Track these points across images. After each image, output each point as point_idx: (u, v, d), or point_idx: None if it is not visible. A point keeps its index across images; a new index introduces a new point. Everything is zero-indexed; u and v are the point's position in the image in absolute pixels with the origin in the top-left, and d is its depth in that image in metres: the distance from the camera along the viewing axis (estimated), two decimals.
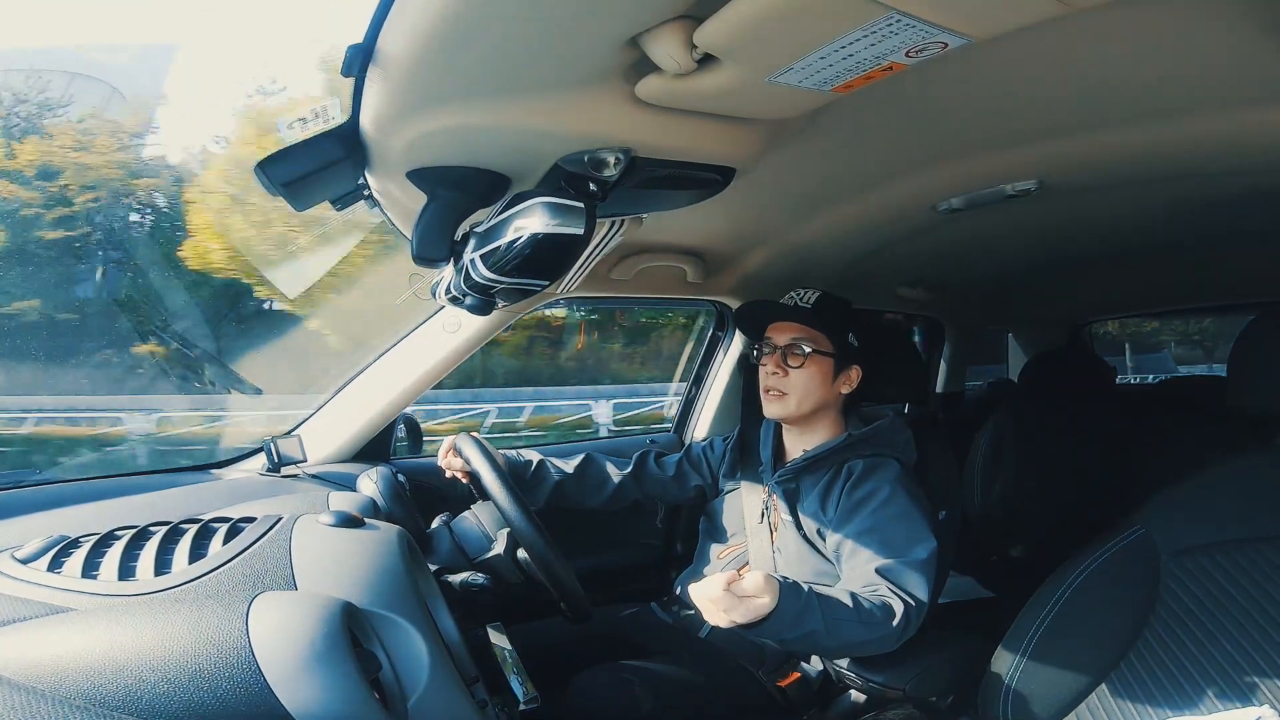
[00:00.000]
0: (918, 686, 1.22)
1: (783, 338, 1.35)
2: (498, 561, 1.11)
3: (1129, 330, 4.95)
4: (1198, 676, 0.95)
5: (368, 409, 1.49)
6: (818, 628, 1.02)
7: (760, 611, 0.97)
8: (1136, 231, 1.56)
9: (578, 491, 1.47)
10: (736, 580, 0.98)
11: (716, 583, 0.97)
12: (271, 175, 0.86)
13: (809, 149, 1.03)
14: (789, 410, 1.34)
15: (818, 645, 1.07)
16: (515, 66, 0.71)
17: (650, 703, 1.16)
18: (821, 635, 1.03)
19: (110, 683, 0.59)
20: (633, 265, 1.55)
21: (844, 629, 1.05)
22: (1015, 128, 0.99)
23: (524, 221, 0.86)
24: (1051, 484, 2.05)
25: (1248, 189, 1.16)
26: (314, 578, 0.76)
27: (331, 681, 0.62)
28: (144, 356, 6.33)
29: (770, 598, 0.98)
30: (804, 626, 1.01)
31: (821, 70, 0.69)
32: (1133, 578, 1.04)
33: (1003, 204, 1.23)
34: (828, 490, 1.29)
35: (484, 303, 1.00)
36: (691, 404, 2.01)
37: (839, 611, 1.05)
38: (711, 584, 0.98)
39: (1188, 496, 1.06)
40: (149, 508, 1.07)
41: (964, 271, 2.04)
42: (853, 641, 1.07)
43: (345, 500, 1.10)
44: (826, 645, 1.06)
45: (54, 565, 0.73)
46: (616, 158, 0.87)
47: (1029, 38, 0.68)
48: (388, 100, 0.77)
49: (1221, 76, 0.81)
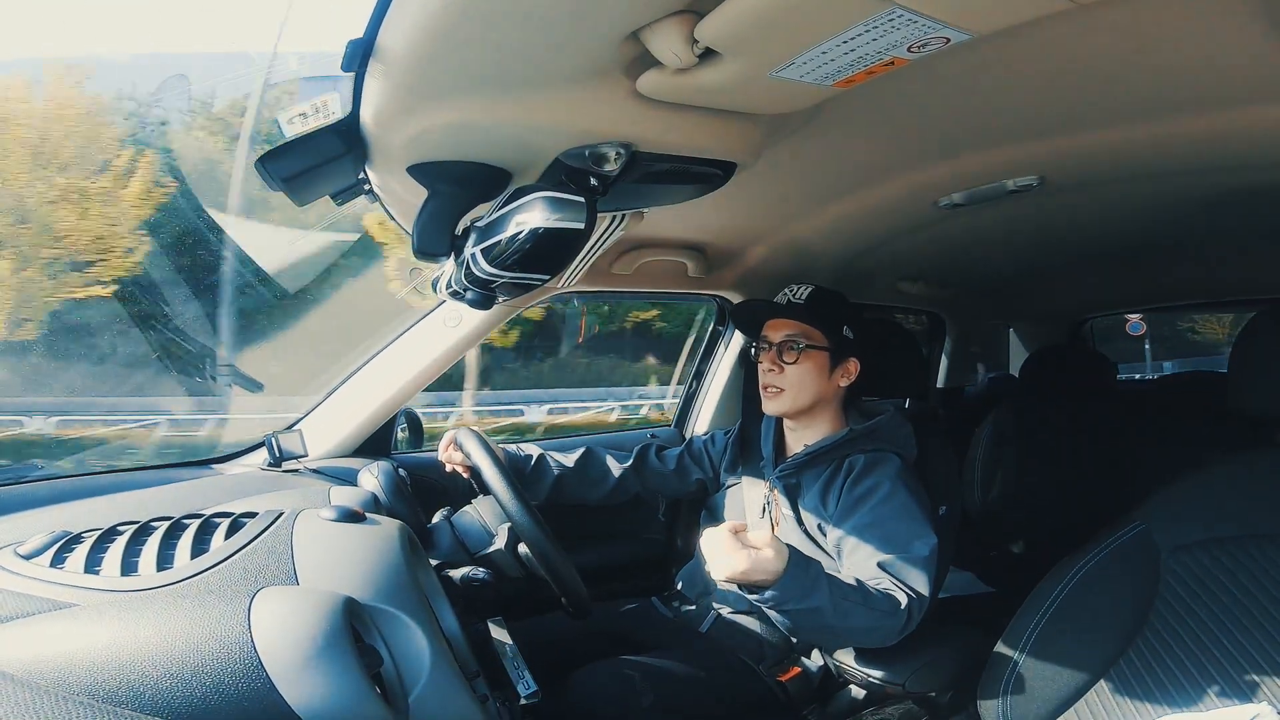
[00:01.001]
0: (917, 681, 1.22)
1: (778, 334, 1.35)
2: (499, 556, 1.11)
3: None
4: (1196, 673, 0.95)
5: (369, 404, 1.49)
6: (823, 604, 1.01)
7: (764, 566, 0.97)
8: (1138, 228, 1.56)
9: (578, 486, 1.47)
10: (744, 530, 0.99)
11: (724, 530, 0.98)
12: (272, 170, 0.86)
13: (810, 144, 1.03)
14: (787, 406, 1.34)
15: (822, 623, 1.04)
16: (516, 61, 0.71)
17: (651, 698, 1.16)
18: (827, 613, 1.02)
19: (113, 678, 0.59)
20: (633, 260, 1.55)
21: (850, 611, 1.04)
22: (1017, 123, 0.99)
23: (525, 216, 0.86)
24: (1051, 480, 2.05)
25: (1249, 186, 1.16)
26: (316, 572, 0.76)
27: (333, 676, 0.62)
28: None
29: (777, 555, 0.98)
30: (810, 600, 1.00)
31: (823, 65, 0.69)
32: (1132, 574, 1.04)
33: (1004, 199, 1.23)
34: (828, 485, 1.29)
35: (485, 297, 1.00)
36: (692, 398, 2.01)
37: (846, 593, 1.05)
38: (718, 532, 0.99)
39: (1188, 493, 1.06)
40: (151, 503, 1.07)
41: (965, 267, 2.04)
42: (857, 626, 1.07)
43: (346, 495, 1.11)
44: (831, 625, 1.04)
45: (56, 561, 0.74)
46: (617, 152, 0.86)
47: (1031, 33, 0.68)
48: (388, 95, 0.77)
49: (1223, 73, 0.81)
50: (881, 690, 1.24)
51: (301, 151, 0.86)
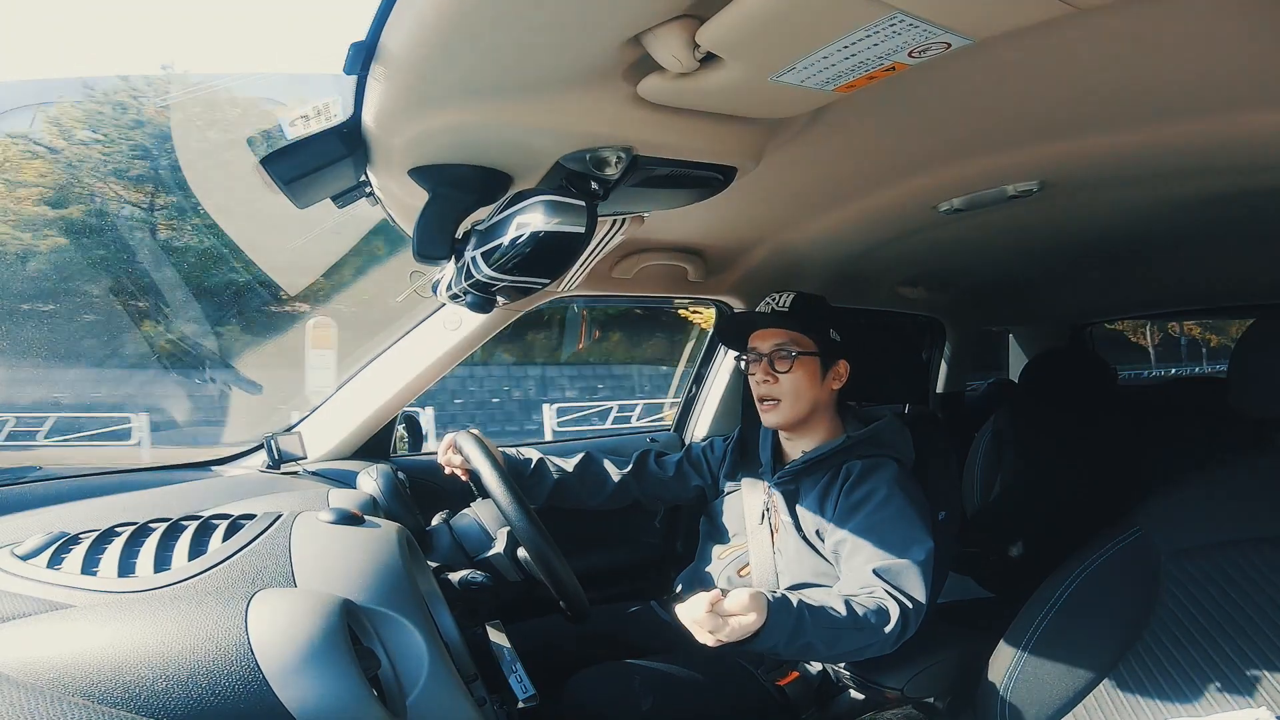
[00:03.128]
0: (916, 687, 1.22)
1: (767, 344, 1.35)
2: (497, 560, 1.11)
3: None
4: (1196, 677, 0.95)
5: (368, 406, 1.49)
6: (813, 641, 1.02)
7: (747, 629, 0.96)
8: (1138, 232, 1.56)
9: (578, 490, 1.47)
10: (720, 600, 0.96)
11: (700, 603, 0.95)
12: (274, 172, 0.86)
13: (810, 149, 1.03)
14: (786, 415, 1.34)
15: (816, 657, 1.09)
16: (517, 65, 0.71)
17: (649, 702, 1.16)
18: (819, 648, 1.03)
19: (109, 680, 0.59)
20: (634, 264, 1.55)
21: (841, 639, 1.05)
22: (1017, 128, 0.99)
23: (525, 219, 0.86)
24: (1050, 485, 2.05)
25: (1249, 190, 1.16)
26: (313, 575, 0.76)
27: (330, 679, 0.62)
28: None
29: (757, 615, 0.97)
30: (799, 640, 1.01)
31: (824, 70, 0.69)
32: (1131, 578, 1.04)
33: (1004, 204, 1.23)
34: (826, 492, 1.29)
35: (484, 300, 1.00)
36: (692, 403, 2.01)
37: (834, 622, 1.05)
38: (695, 604, 0.96)
39: (1187, 497, 1.06)
40: (149, 504, 1.07)
41: (965, 271, 2.04)
42: (850, 649, 1.07)
43: (345, 498, 1.10)
44: (824, 654, 1.06)
45: (54, 562, 0.73)
46: (618, 156, 0.87)
47: (1031, 38, 0.68)
48: (390, 98, 0.77)
49: (1223, 78, 0.81)
50: (880, 695, 1.24)
51: (303, 154, 0.85)
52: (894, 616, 1.08)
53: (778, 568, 1.32)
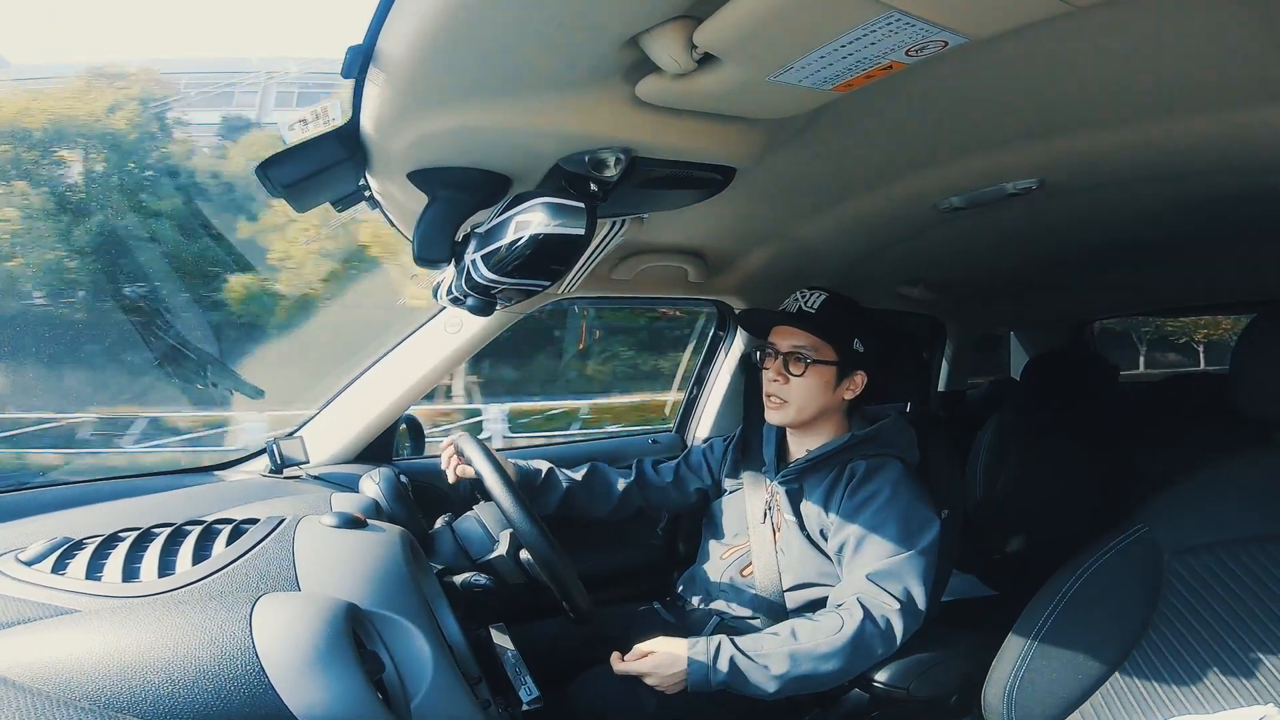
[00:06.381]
0: (921, 686, 1.22)
1: (785, 343, 1.33)
2: (500, 562, 1.11)
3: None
4: (1201, 675, 0.95)
5: (370, 410, 1.49)
6: (781, 686, 1.11)
7: (676, 671, 1.12)
8: (1139, 231, 1.56)
9: (586, 500, 1.47)
10: (634, 658, 1.15)
11: (629, 669, 1.14)
12: (273, 177, 0.86)
13: (809, 148, 1.03)
14: (789, 418, 1.33)
15: (802, 690, 1.15)
16: (515, 67, 0.71)
17: (654, 703, 1.16)
18: (787, 681, 1.11)
19: (114, 684, 0.59)
20: (634, 265, 1.55)
21: (820, 669, 1.12)
22: (1016, 126, 0.99)
23: (525, 222, 0.86)
24: (1053, 483, 2.05)
25: (1249, 188, 1.16)
26: (317, 579, 0.76)
27: (335, 682, 0.62)
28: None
29: (667, 654, 1.13)
30: (767, 687, 1.11)
31: (822, 69, 0.69)
32: (1135, 576, 1.04)
33: (1004, 203, 1.23)
34: (830, 491, 1.29)
35: (485, 303, 1.01)
36: (693, 404, 2.01)
37: (778, 644, 1.14)
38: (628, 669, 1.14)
39: (1190, 495, 1.06)
40: (153, 509, 1.07)
41: (965, 270, 2.04)
42: (831, 671, 1.13)
43: (348, 501, 1.10)
44: (816, 688, 1.15)
45: (58, 567, 0.74)
46: (617, 158, 0.87)
47: (1029, 36, 0.68)
48: (388, 101, 0.77)
49: (1223, 75, 0.81)
50: (886, 695, 1.24)
51: (302, 158, 0.86)
52: (852, 626, 1.13)
53: (780, 566, 1.32)
